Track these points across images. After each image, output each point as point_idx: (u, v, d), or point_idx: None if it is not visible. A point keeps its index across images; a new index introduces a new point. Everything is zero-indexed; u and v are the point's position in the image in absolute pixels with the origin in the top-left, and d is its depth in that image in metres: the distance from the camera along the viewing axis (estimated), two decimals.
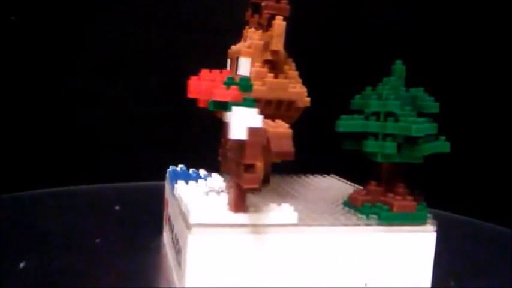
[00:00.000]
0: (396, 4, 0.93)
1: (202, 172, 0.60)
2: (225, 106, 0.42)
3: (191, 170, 0.61)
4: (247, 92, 0.46)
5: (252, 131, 0.39)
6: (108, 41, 0.94)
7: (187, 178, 0.55)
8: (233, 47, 0.54)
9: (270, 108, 0.49)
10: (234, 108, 0.39)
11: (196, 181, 0.54)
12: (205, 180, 0.55)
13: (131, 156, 0.93)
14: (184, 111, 0.79)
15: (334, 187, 0.62)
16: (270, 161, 0.51)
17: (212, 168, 0.57)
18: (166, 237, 0.61)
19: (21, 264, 0.55)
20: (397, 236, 0.46)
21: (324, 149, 0.67)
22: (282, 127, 0.44)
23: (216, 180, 0.55)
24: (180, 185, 0.53)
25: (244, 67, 0.52)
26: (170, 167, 0.62)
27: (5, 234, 0.61)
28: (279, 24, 0.48)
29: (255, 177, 0.39)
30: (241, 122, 0.39)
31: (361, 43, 0.90)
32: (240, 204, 0.43)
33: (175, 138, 0.95)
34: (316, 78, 0.54)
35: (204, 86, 0.47)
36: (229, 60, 0.54)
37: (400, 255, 0.47)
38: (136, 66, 0.95)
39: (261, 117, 0.39)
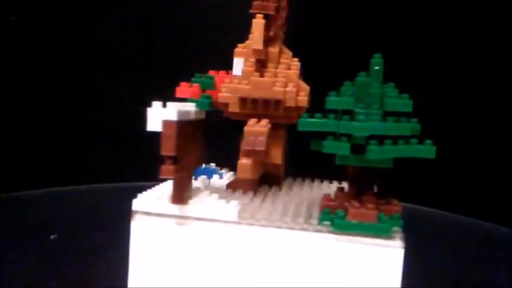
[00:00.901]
0: (397, 3, 0.93)
1: (221, 171, 0.61)
2: None
3: (213, 168, 0.62)
4: (209, 90, 0.49)
5: (166, 123, 0.40)
6: (108, 41, 0.94)
7: (196, 174, 0.56)
8: None
9: (258, 107, 0.49)
10: (153, 103, 0.42)
11: (196, 178, 0.55)
12: (210, 178, 0.56)
13: (131, 156, 0.93)
14: None
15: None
16: (265, 161, 0.52)
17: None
18: None
19: (52, 237, 0.55)
20: (350, 246, 0.41)
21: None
22: (259, 126, 0.44)
23: (223, 179, 0.56)
24: None
25: (238, 67, 0.52)
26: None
27: (5, 234, 0.61)
28: (257, 22, 0.48)
29: (169, 169, 0.41)
30: (157, 115, 0.41)
31: (365, 42, 0.90)
32: (175, 195, 0.44)
33: None
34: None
35: None
36: None
37: (355, 269, 0.41)
38: (137, 66, 0.95)
39: (175, 111, 0.41)
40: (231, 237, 0.43)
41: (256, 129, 0.43)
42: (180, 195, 0.44)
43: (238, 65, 0.52)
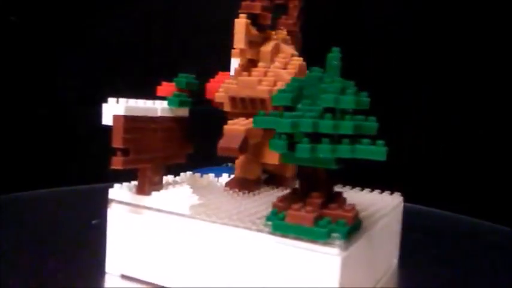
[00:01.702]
0: (397, 3, 0.93)
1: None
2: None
3: (229, 167, 0.64)
4: (182, 88, 0.50)
5: (115, 118, 0.43)
6: (108, 41, 0.94)
7: (208, 172, 0.58)
8: None
9: (247, 106, 0.49)
10: (109, 99, 0.44)
11: (201, 175, 0.56)
12: (219, 176, 0.57)
13: None
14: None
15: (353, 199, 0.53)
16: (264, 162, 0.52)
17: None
18: None
19: (93, 222, 0.61)
20: (286, 249, 0.40)
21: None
22: (238, 125, 0.44)
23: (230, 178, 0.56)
24: (184, 175, 0.56)
25: (234, 67, 0.53)
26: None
27: (5, 234, 0.61)
28: (239, 22, 0.49)
29: (119, 160, 0.44)
30: (110, 110, 0.43)
31: (366, 43, 0.90)
32: (139, 186, 0.47)
33: None
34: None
35: (211, 86, 0.52)
36: None
37: (291, 272, 0.40)
38: (137, 66, 0.95)
39: (123, 106, 0.43)
40: (178, 229, 0.45)
41: (235, 127, 0.44)
42: (143, 187, 0.47)
43: (235, 65, 0.53)
